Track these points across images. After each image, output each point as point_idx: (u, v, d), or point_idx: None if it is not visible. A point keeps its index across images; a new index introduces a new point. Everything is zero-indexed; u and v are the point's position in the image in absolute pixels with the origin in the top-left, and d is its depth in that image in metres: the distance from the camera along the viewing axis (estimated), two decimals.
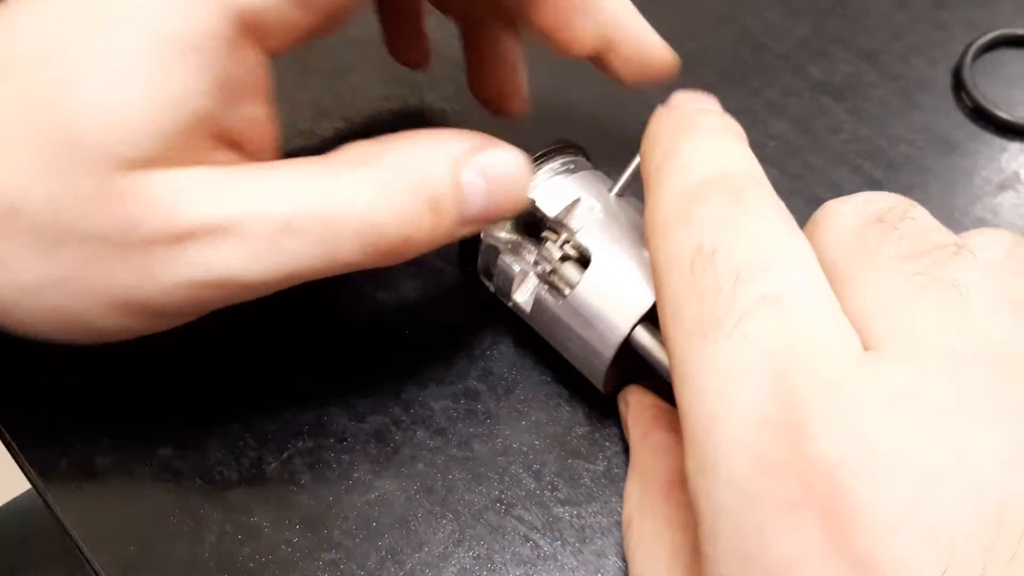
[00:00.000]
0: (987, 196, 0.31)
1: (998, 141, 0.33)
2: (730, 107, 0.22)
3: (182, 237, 0.18)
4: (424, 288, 0.29)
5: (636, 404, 0.24)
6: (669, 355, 0.17)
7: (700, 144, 0.20)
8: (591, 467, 0.25)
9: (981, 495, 0.14)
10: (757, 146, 0.21)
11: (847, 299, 0.17)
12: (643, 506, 0.22)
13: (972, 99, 0.33)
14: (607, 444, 0.25)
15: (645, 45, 0.26)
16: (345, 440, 0.25)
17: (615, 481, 0.25)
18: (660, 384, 0.23)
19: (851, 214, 0.19)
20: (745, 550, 0.15)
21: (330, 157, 0.21)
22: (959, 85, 0.34)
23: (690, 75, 0.36)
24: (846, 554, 0.14)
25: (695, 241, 0.17)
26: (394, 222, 0.20)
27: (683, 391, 0.17)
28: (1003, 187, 0.31)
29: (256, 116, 0.21)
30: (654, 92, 0.35)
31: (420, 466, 0.25)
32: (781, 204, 0.18)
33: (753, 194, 0.18)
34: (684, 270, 0.17)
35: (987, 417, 0.15)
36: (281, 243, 0.19)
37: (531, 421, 0.26)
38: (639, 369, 0.23)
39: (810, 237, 0.18)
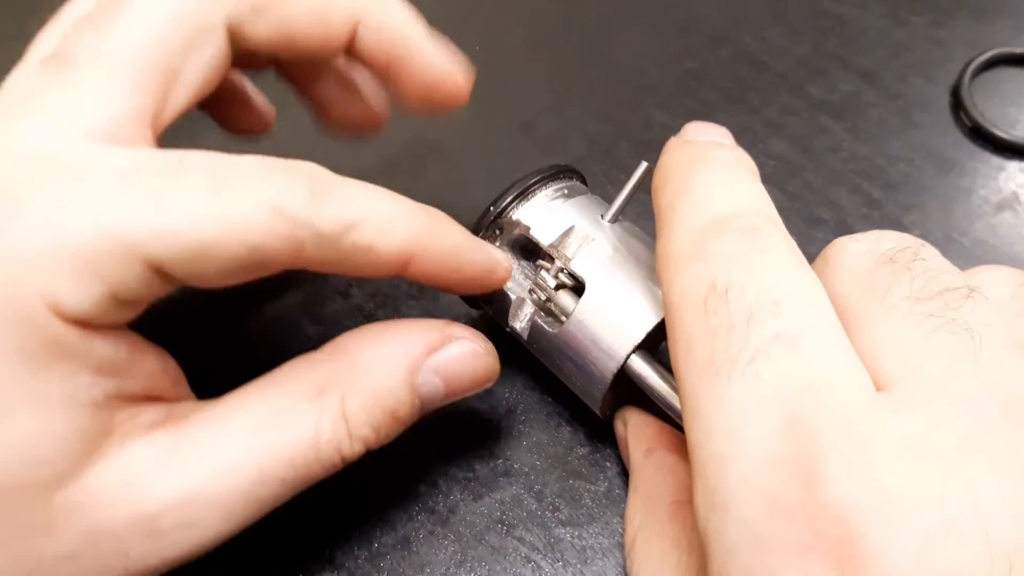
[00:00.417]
0: (986, 216, 0.31)
1: (996, 160, 0.33)
2: (729, 126, 0.22)
3: (152, 520, 0.18)
4: (422, 310, 0.29)
5: (636, 422, 0.24)
6: (680, 390, 0.17)
7: (713, 180, 0.20)
8: (592, 488, 0.25)
9: (992, 542, 0.14)
10: (757, 165, 0.21)
11: (858, 338, 0.17)
12: (647, 526, 0.22)
13: (970, 118, 0.34)
14: (608, 465, 0.25)
15: (433, 66, 0.24)
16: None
17: (616, 502, 0.25)
18: (657, 410, 0.23)
19: (862, 252, 0.19)
20: None
21: (284, 385, 0.20)
22: (957, 104, 0.34)
23: (689, 94, 0.36)
24: None
25: (708, 277, 0.17)
26: (358, 446, 0.20)
27: (694, 427, 0.17)
28: (1001, 207, 0.32)
29: (149, 368, 0.20)
30: (656, 111, 0.35)
31: (421, 487, 0.25)
32: (793, 243, 0.18)
33: (766, 233, 0.18)
34: (697, 307, 0.17)
35: (998, 463, 0.15)
36: (255, 494, 0.19)
37: (532, 442, 0.26)
38: (637, 394, 0.23)
39: (819, 274, 0.18)
